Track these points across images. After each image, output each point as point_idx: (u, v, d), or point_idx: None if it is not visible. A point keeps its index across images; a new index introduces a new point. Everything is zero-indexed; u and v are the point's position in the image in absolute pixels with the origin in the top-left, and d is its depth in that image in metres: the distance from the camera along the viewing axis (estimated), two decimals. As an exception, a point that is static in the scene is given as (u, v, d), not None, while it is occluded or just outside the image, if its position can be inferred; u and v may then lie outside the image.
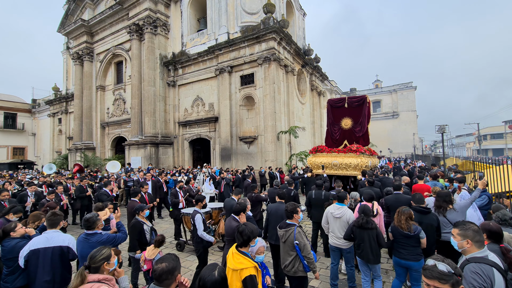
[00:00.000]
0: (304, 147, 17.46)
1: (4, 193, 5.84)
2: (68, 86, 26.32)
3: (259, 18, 15.24)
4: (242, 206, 3.73)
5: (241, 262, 2.44)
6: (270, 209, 4.42)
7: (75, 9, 21.80)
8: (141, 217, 4.09)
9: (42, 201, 6.20)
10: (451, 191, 5.74)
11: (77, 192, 8.38)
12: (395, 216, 3.58)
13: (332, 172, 8.56)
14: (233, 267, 2.42)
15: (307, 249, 3.15)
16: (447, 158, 19.76)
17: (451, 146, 73.53)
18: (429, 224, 3.65)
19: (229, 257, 2.54)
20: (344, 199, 4.19)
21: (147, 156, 16.35)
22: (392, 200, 4.88)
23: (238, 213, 3.67)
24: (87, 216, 3.17)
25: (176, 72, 17.75)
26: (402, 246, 3.45)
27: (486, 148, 49.97)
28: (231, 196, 5.45)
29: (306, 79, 19.90)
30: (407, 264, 3.45)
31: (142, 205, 4.28)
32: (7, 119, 32.25)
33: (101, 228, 3.42)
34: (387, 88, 43.78)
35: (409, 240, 3.39)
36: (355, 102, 9.42)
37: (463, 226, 2.18)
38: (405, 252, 3.42)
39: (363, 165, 8.09)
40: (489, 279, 1.89)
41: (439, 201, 3.93)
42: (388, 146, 40.50)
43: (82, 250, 3.06)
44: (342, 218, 4.01)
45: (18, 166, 25.57)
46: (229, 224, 3.66)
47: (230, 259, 2.51)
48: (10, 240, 3.26)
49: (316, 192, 5.70)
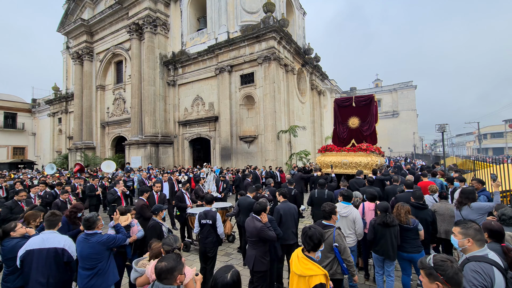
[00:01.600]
0: (304, 146, 17.46)
1: (22, 193, 5.75)
2: (68, 85, 26.31)
3: (259, 17, 15.22)
4: (262, 206, 3.57)
5: (310, 268, 2.33)
6: (283, 210, 4.30)
7: (74, 8, 21.77)
8: (158, 218, 4.02)
9: (56, 201, 5.97)
10: (451, 190, 5.75)
11: (88, 191, 8.33)
12: (394, 210, 3.75)
13: (342, 171, 8.57)
14: (300, 272, 2.32)
15: (347, 252, 3.08)
16: (447, 157, 19.75)
17: (451, 145, 73.50)
18: (423, 219, 3.98)
19: (294, 261, 2.44)
20: (350, 198, 4.24)
21: (147, 155, 16.35)
22: (405, 198, 4.87)
23: (259, 213, 3.52)
24: (87, 216, 3.15)
25: (176, 72, 17.73)
26: (403, 240, 3.64)
27: (486, 147, 49.96)
28: (246, 194, 5.44)
29: (306, 78, 19.88)
30: (410, 257, 3.65)
31: (160, 205, 4.18)
32: (7, 119, 32.23)
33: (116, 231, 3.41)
34: (387, 87, 43.74)
35: (409, 232, 3.62)
36: (362, 101, 9.42)
37: (464, 225, 2.17)
38: (407, 246, 3.63)
39: (373, 163, 8.11)
40: (489, 277, 1.89)
41: (462, 198, 3.99)
42: (388, 145, 40.46)
43: (82, 250, 3.03)
44: (348, 217, 4.04)
45: (18, 166, 25.56)
46: (253, 225, 3.48)
47: (296, 264, 2.40)
48: (10, 240, 3.25)
49: (319, 191, 5.72)
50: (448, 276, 1.64)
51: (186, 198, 6.57)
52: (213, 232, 4.22)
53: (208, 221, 4.21)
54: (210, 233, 4.21)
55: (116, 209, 4.16)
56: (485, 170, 7.42)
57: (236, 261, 5.40)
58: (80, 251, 3.03)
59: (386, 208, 3.67)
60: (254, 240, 3.48)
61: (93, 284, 3.02)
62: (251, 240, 3.53)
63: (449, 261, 1.69)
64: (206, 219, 4.24)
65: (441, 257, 1.74)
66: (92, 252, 3.03)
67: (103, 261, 3.11)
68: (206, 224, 4.22)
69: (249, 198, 5.22)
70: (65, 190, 6.20)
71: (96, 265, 3.05)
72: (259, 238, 3.41)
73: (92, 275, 3.03)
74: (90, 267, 3.03)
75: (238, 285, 1.92)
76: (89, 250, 3.03)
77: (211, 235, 4.20)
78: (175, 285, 1.97)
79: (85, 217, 3.14)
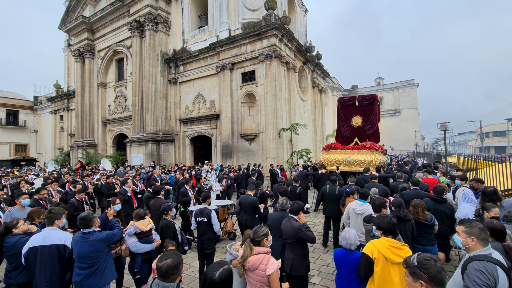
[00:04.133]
0: (305, 144, 17.44)
1: (43, 191, 5.66)
2: (69, 83, 26.34)
3: (260, 15, 15.14)
4: (299, 206, 3.48)
5: (407, 251, 2.49)
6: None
7: (76, 5, 21.72)
8: (169, 217, 3.97)
9: (72, 200, 5.87)
10: (452, 189, 5.74)
11: (105, 190, 8.02)
12: (411, 209, 3.85)
13: (346, 169, 8.76)
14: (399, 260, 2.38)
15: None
16: (449, 155, 19.67)
17: (453, 143, 73.24)
18: (443, 212, 4.23)
19: (385, 251, 2.48)
20: (366, 197, 4.38)
21: (149, 153, 16.37)
22: (411, 195, 4.86)
23: (296, 213, 3.43)
24: (83, 215, 3.07)
25: (177, 69, 17.70)
26: (419, 234, 3.80)
27: (488, 145, 49.76)
28: (247, 192, 5.49)
29: (308, 76, 19.81)
30: (424, 249, 3.76)
31: (169, 204, 4.10)
32: (9, 116, 32.34)
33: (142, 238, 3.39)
34: (389, 85, 43.52)
35: (426, 228, 3.78)
36: (365, 100, 9.59)
37: (469, 224, 2.16)
38: (422, 239, 3.81)
39: (376, 161, 8.33)
40: (493, 277, 1.88)
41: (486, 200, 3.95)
42: (390, 144, 40.37)
43: (80, 249, 2.96)
44: (364, 214, 4.10)
45: (20, 163, 25.68)
46: (290, 225, 3.30)
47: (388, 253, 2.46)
48: (12, 236, 3.28)
49: (330, 187, 5.90)
50: (431, 274, 1.66)
51: (190, 194, 6.64)
52: (210, 229, 4.29)
53: (204, 219, 4.28)
54: (207, 230, 4.29)
55: (111, 205, 4.11)
56: (487, 169, 7.38)
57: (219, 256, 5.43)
58: (78, 251, 2.96)
59: (400, 204, 3.75)
60: (291, 242, 3.31)
61: (90, 283, 2.96)
62: (288, 242, 3.37)
63: (432, 260, 1.72)
64: (202, 216, 4.31)
65: (424, 256, 1.78)
66: (92, 250, 2.98)
67: (101, 259, 3.07)
68: (202, 221, 4.29)
69: (250, 196, 5.26)
70: (81, 190, 6.07)
71: (94, 263, 3.00)
72: (297, 239, 3.26)
73: (90, 274, 2.97)
74: (88, 266, 2.97)
75: (227, 284, 1.90)
76: (88, 249, 2.97)
77: (208, 232, 4.28)
78: (176, 281, 1.98)
79: (80, 216, 3.07)
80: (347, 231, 2.86)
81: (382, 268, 2.44)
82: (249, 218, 5.18)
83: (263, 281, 2.40)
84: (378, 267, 2.46)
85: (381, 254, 2.48)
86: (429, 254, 1.78)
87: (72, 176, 11.17)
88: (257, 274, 2.41)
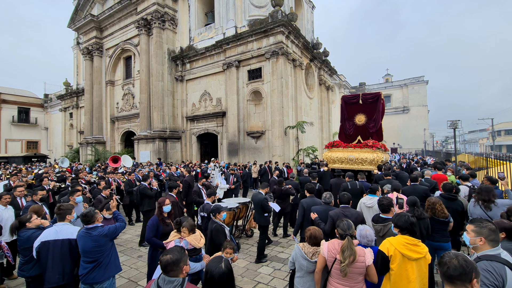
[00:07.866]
0: (311, 142, 17.35)
1: (78, 193, 5.37)
2: (78, 81, 26.78)
3: (267, 12, 15.05)
4: (349, 197, 3.97)
5: (424, 247, 2.53)
6: (307, 204, 4.50)
7: (84, 4, 22.00)
8: (218, 219, 3.76)
9: (98, 197, 5.92)
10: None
11: (127, 187, 8.00)
12: (429, 205, 3.87)
13: (348, 167, 8.73)
14: (417, 256, 2.44)
15: None
16: (459, 154, 19.29)
17: (463, 142, 71.73)
18: (454, 209, 4.24)
19: (402, 248, 2.50)
20: (376, 191, 4.65)
21: (156, 150, 16.56)
22: (410, 191, 5.08)
23: (348, 203, 3.95)
24: (84, 212, 3.15)
25: (184, 67, 17.79)
26: (434, 231, 3.82)
27: (500, 144, 48.60)
28: (258, 190, 5.59)
29: (314, 74, 19.64)
30: (439, 246, 3.87)
31: (219, 205, 3.96)
32: (21, 114, 33.14)
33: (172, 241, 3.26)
34: (398, 82, 42.81)
35: (443, 225, 3.80)
36: (369, 98, 9.51)
37: (479, 224, 2.13)
38: (437, 236, 3.84)
39: (379, 160, 8.29)
40: (501, 277, 1.86)
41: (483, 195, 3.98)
42: (398, 142, 39.83)
43: (84, 245, 3.05)
44: (373, 207, 4.40)
45: (32, 160, 26.31)
46: (357, 214, 3.84)
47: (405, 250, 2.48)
48: (26, 230, 3.39)
49: (351, 183, 6.03)
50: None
51: (203, 193, 6.46)
52: None
53: (204, 214, 4.52)
54: (207, 225, 4.37)
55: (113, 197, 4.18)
56: (498, 167, 7.23)
57: (242, 255, 5.48)
58: (82, 246, 3.05)
59: (415, 202, 3.80)
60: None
61: (94, 276, 3.05)
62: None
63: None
64: (203, 212, 4.56)
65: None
66: (95, 245, 3.05)
67: (105, 253, 3.14)
68: (204, 216, 4.54)
69: (260, 194, 5.34)
70: (107, 186, 6.25)
71: (98, 257, 3.08)
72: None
73: (94, 267, 3.06)
74: (92, 260, 3.05)
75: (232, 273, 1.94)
76: (92, 244, 3.05)
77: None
78: (181, 276, 2.02)
79: (82, 213, 3.16)
80: (362, 228, 2.86)
81: (399, 265, 2.45)
82: (257, 216, 5.33)
83: (361, 272, 2.50)
84: (394, 264, 2.47)
85: (397, 251, 2.48)
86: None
87: (97, 172, 11.43)
88: (356, 266, 2.49)
